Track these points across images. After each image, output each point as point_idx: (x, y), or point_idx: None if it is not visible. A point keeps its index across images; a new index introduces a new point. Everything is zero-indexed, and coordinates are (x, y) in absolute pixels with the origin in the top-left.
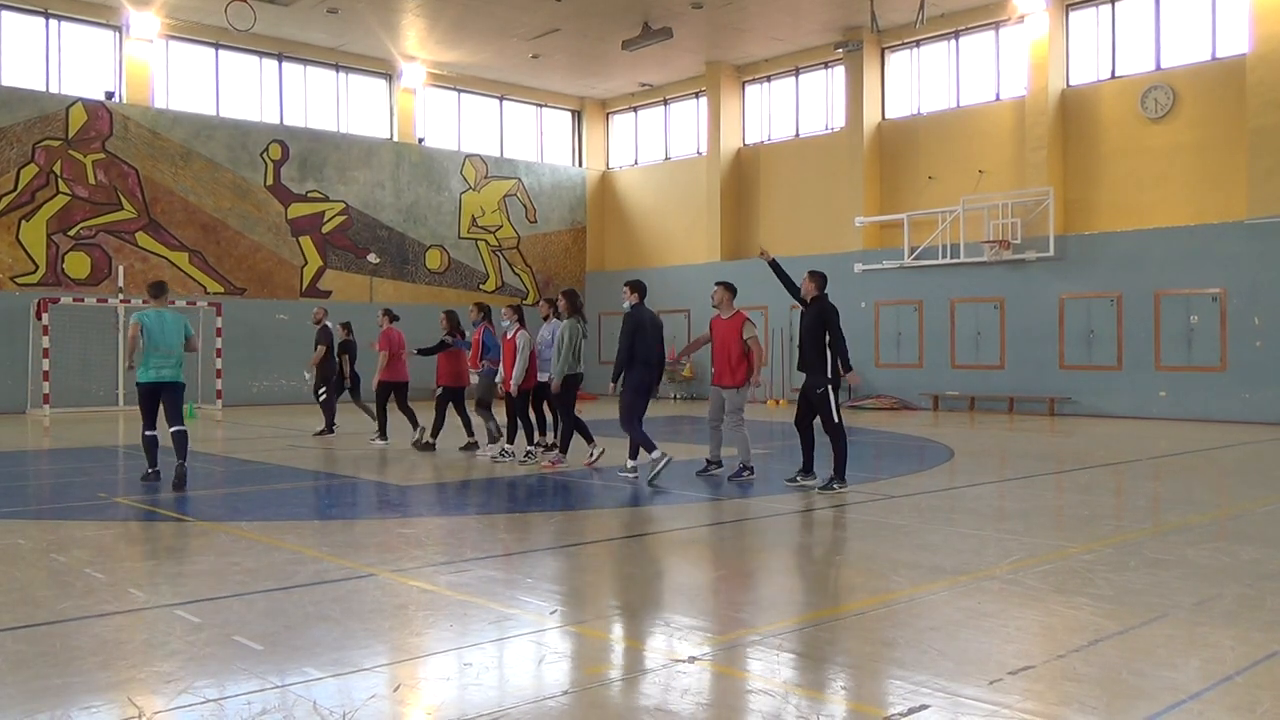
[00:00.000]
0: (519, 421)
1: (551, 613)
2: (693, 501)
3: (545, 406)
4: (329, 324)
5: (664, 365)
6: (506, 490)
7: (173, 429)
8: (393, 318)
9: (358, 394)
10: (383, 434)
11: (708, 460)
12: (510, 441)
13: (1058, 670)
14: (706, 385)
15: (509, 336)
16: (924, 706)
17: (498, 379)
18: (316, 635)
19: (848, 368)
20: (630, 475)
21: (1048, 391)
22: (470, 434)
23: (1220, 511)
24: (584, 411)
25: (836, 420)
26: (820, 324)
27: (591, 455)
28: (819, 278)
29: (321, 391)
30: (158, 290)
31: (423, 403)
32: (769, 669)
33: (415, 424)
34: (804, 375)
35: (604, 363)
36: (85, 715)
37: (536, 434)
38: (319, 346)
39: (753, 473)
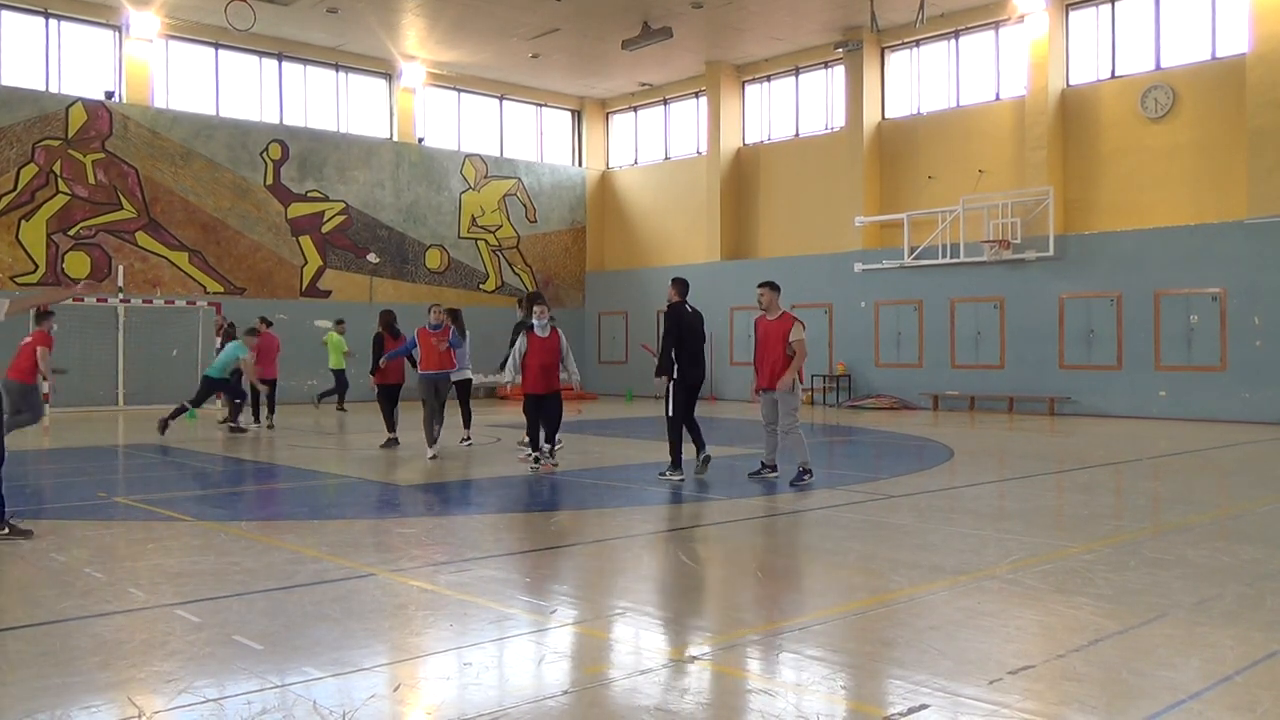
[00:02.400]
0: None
1: (551, 612)
2: (692, 501)
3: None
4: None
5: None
6: (507, 490)
7: None
8: (267, 324)
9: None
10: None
11: (762, 464)
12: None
13: (1058, 670)
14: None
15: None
16: (924, 706)
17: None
18: (316, 635)
19: (662, 369)
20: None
21: (1047, 391)
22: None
23: (1220, 511)
24: (583, 412)
25: (670, 415)
26: (666, 327)
27: (527, 456)
28: (679, 284)
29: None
30: None
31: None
32: (769, 669)
33: (271, 411)
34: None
35: (601, 363)
36: (85, 715)
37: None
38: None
39: (811, 475)
